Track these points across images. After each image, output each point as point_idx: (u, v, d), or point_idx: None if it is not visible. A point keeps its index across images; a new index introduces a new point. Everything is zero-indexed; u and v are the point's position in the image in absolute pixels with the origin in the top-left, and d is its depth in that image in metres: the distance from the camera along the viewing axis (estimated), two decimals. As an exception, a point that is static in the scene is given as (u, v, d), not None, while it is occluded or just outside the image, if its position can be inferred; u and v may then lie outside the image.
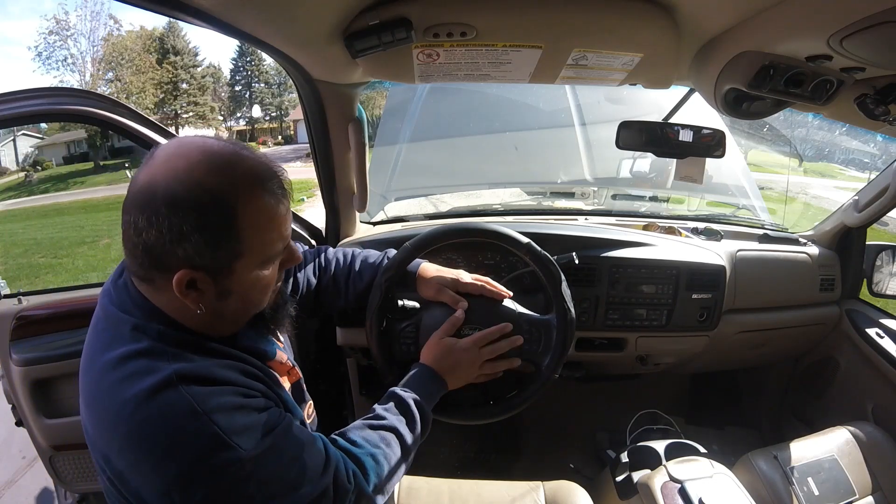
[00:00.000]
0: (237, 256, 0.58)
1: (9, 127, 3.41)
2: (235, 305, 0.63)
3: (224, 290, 0.60)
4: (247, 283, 0.61)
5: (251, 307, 0.65)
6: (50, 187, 15.07)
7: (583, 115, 2.17)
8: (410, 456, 0.78)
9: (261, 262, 0.61)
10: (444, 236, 1.02)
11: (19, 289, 1.36)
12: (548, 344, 1.01)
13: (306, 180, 12.67)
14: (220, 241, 0.56)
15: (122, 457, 0.56)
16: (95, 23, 22.02)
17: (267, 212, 0.59)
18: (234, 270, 0.59)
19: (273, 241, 0.61)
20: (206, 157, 0.57)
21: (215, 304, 0.61)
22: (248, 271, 0.60)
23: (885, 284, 1.56)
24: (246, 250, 0.58)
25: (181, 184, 0.54)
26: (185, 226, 0.54)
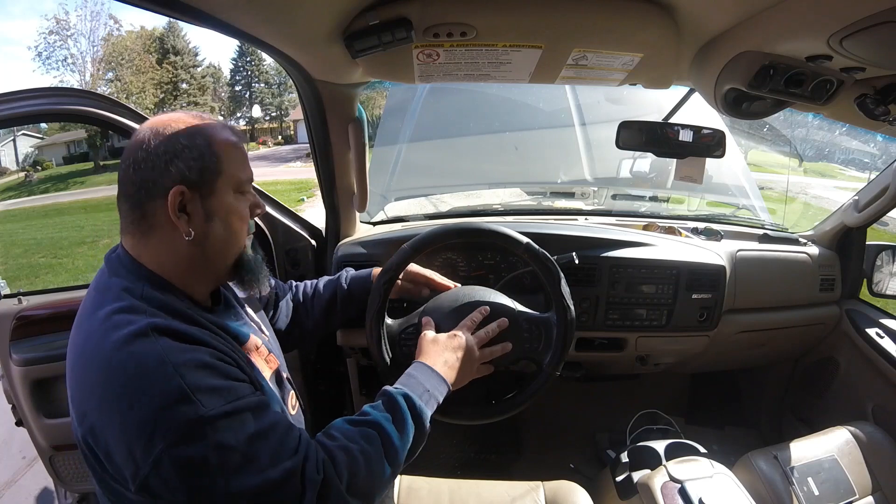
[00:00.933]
0: (218, 173, 0.68)
1: (9, 127, 3.41)
2: (219, 232, 0.69)
3: (209, 210, 0.68)
4: (226, 205, 0.70)
5: (232, 237, 0.72)
6: (50, 187, 15.06)
7: (583, 115, 2.16)
8: (398, 455, 0.73)
9: (235, 185, 0.71)
10: (442, 237, 1.02)
11: (19, 289, 1.36)
12: (548, 342, 1.01)
13: (306, 180, 12.72)
14: (204, 157, 0.67)
15: (96, 406, 0.59)
16: (95, 23, 22.05)
17: (234, 143, 0.71)
18: (216, 189, 0.68)
19: (242, 168, 0.72)
20: (179, 113, 0.71)
21: (203, 227, 0.68)
22: (226, 192, 0.70)
23: (885, 284, 1.56)
24: (224, 170, 0.69)
25: (165, 122, 0.68)
26: (175, 145, 0.65)
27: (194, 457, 0.56)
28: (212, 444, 0.57)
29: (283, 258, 1.38)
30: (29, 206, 11.74)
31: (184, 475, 0.56)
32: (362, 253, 1.28)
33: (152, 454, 0.55)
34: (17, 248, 7.63)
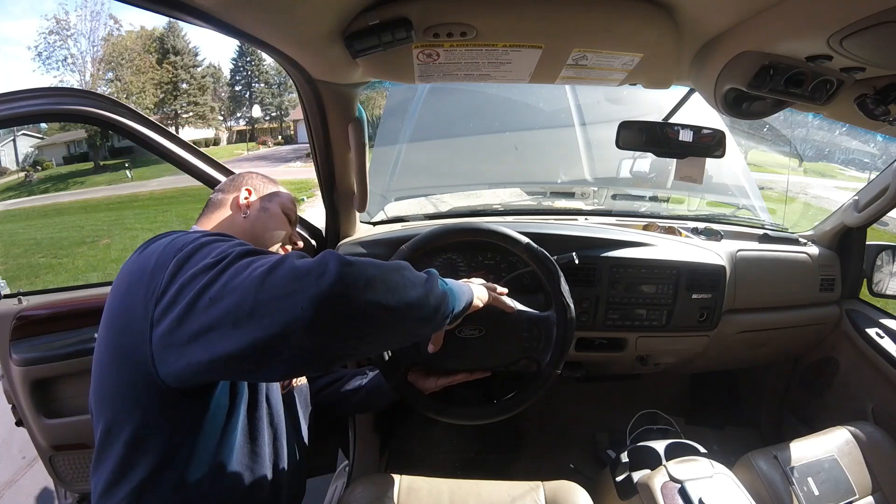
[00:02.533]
0: (276, 195, 0.98)
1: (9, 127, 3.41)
2: (265, 223, 0.93)
3: (264, 207, 0.95)
4: (276, 211, 0.96)
5: (271, 232, 0.93)
6: (50, 187, 15.08)
7: (583, 116, 2.16)
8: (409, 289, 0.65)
9: (285, 209, 0.97)
10: (442, 236, 1.02)
11: (19, 289, 1.36)
12: (548, 341, 1.01)
13: (306, 180, 12.72)
14: (269, 187, 1.00)
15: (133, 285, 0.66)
16: (95, 23, 22.08)
17: (290, 196, 1.02)
18: (272, 201, 0.96)
19: (292, 208, 1.00)
20: None
21: (256, 214, 0.93)
22: (279, 206, 0.97)
23: (886, 284, 1.56)
24: (279, 198, 0.98)
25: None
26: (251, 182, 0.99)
27: (203, 243, 0.64)
28: (223, 245, 0.64)
29: (283, 258, 1.38)
30: (29, 206, 11.75)
31: (189, 260, 0.62)
32: (362, 253, 1.28)
33: (168, 266, 0.62)
34: (17, 248, 7.63)
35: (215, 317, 0.56)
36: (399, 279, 0.63)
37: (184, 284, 0.60)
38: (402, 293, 0.62)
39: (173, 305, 0.60)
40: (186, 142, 1.27)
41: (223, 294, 0.56)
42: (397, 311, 0.61)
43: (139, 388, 0.65)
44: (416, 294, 0.65)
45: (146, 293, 0.63)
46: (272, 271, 0.56)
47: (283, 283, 0.54)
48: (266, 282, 0.55)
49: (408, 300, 0.63)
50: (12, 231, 8.91)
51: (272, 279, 0.55)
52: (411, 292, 0.64)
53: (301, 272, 0.55)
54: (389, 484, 1.08)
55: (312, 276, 0.54)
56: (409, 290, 0.64)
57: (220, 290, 0.57)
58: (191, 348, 0.58)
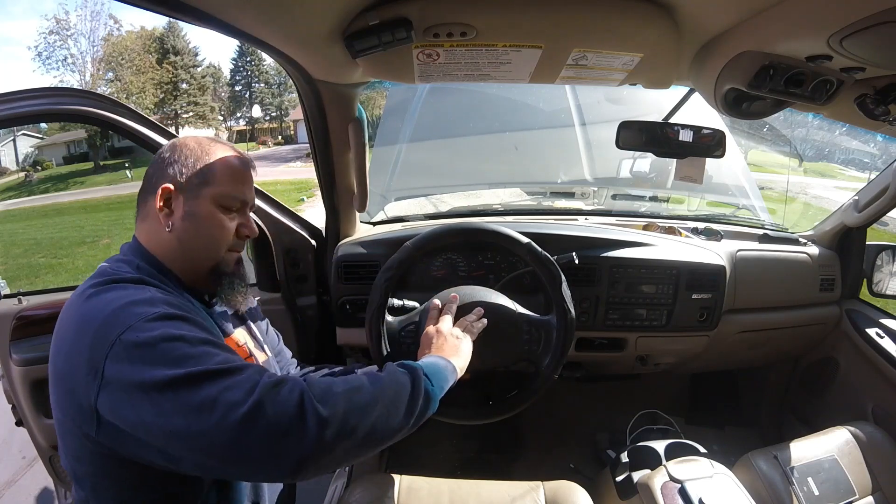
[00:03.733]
0: (206, 182, 0.75)
1: (9, 127, 3.41)
2: (195, 233, 0.75)
3: (189, 210, 0.74)
4: (206, 210, 0.75)
5: (206, 242, 0.76)
6: (50, 187, 15.06)
7: (583, 116, 2.16)
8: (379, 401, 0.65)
9: (221, 199, 0.76)
10: (443, 236, 1.02)
11: (19, 289, 1.36)
12: (548, 344, 1.01)
13: (306, 180, 12.71)
14: (198, 166, 0.75)
15: (69, 340, 0.61)
16: (95, 23, 22.05)
17: (235, 165, 0.78)
18: (200, 195, 0.75)
19: (234, 188, 0.77)
20: (209, 135, 0.85)
21: (179, 224, 0.74)
22: (210, 199, 0.75)
23: (886, 284, 1.55)
24: (212, 181, 0.75)
25: (188, 138, 0.80)
26: (181, 154, 0.76)
27: (144, 341, 0.57)
28: (164, 332, 0.58)
29: (282, 258, 1.38)
30: (29, 206, 11.73)
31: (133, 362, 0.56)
32: (362, 253, 1.28)
33: (108, 341, 0.56)
34: (17, 248, 7.63)
35: (180, 449, 0.56)
36: (381, 412, 0.64)
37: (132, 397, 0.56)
38: (385, 425, 0.65)
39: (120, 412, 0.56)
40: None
41: (188, 436, 0.54)
42: (381, 443, 0.66)
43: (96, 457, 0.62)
44: (397, 420, 0.67)
45: (86, 376, 0.58)
46: (246, 425, 0.54)
47: (262, 443, 0.54)
48: (243, 440, 0.54)
49: (391, 429, 0.66)
50: (12, 231, 8.90)
51: (249, 437, 0.54)
52: (393, 420, 0.66)
53: (280, 431, 0.55)
54: (389, 484, 1.08)
55: (293, 439, 0.55)
56: (392, 419, 0.66)
57: (183, 431, 0.54)
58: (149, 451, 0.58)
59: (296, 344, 1.45)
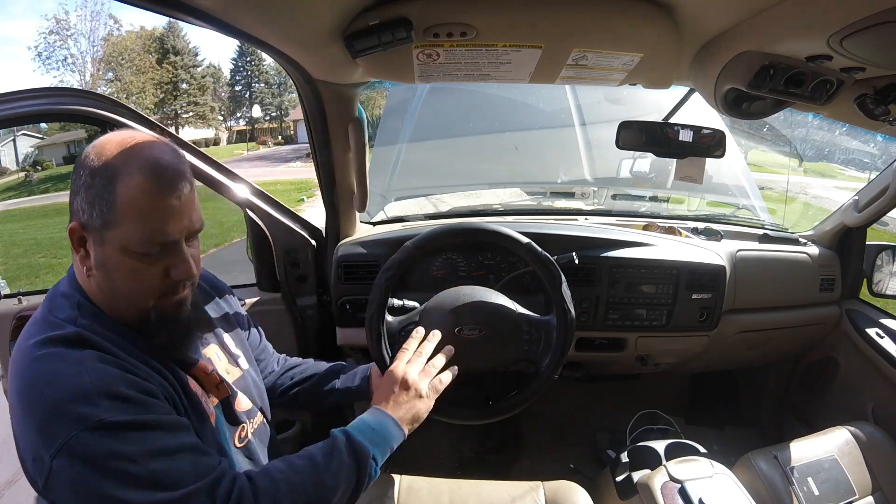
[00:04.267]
0: (107, 225, 0.60)
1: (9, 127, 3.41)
2: (109, 283, 0.64)
3: (99, 258, 0.63)
4: (115, 260, 0.62)
5: (125, 294, 0.64)
6: (50, 187, 15.04)
7: (583, 115, 2.16)
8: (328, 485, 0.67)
9: (128, 241, 0.61)
10: (444, 236, 1.02)
11: (19, 289, 1.36)
12: (548, 344, 1.01)
13: (306, 180, 12.71)
14: (96, 202, 0.60)
15: (16, 406, 0.59)
16: (95, 23, 22.09)
17: (143, 193, 0.60)
18: (105, 240, 0.61)
19: (144, 225, 0.60)
20: (124, 137, 0.63)
21: (95, 273, 0.64)
22: (116, 248, 0.61)
23: (886, 284, 1.55)
24: (114, 221, 0.60)
25: (96, 148, 0.62)
26: (80, 180, 0.61)
27: (90, 458, 0.54)
28: (109, 450, 0.55)
29: (282, 258, 1.38)
30: (29, 206, 11.73)
31: (78, 477, 0.54)
32: (362, 253, 1.28)
33: (51, 451, 0.54)
34: (17, 248, 7.62)
35: None
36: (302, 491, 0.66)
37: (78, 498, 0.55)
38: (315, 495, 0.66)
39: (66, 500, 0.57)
40: (186, 142, 1.27)
41: None
42: None
43: None
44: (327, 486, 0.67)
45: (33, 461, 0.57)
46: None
47: None
48: None
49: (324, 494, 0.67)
50: (12, 231, 8.89)
51: None
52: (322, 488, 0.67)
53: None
54: (389, 484, 1.08)
55: None
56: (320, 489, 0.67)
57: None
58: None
59: (296, 344, 1.45)
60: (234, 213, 1.36)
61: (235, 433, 0.76)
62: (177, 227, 0.63)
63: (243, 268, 1.50)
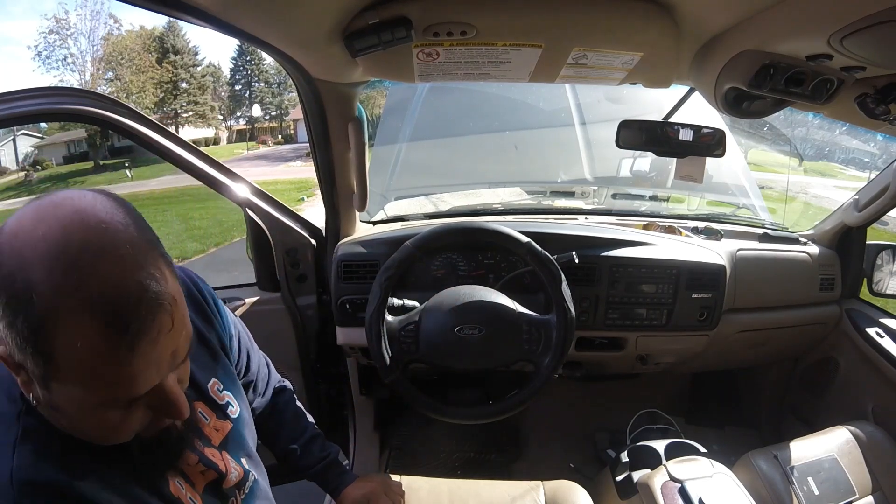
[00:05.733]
0: (49, 378, 0.43)
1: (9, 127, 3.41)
2: (70, 423, 0.48)
3: (47, 399, 0.45)
4: (69, 408, 0.46)
5: (92, 434, 0.49)
6: (50, 187, 15.04)
7: (583, 115, 2.16)
8: None
9: (84, 399, 0.44)
10: (444, 235, 1.02)
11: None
12: (548, 344, 1.01)
13: (306, 180, 12.71)
14: (26, 349, 0.41)
15: None
16: (95, 22, 22.04)
17: (94, 353, 0.41)
18: (51, 388, 0.44)
19: (103, 388, 0.44)
20: (58, 237, 0.41)
21: (45, 407, 0.47)
22: (69, 399, 0.45)
23: (886, 284, 1.55)
24: (61, 378, 0.43)
25: (12, 251, 0.41)
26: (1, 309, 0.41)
27: None
28: None
29: (283, 258, 1.38)
30: (29, 205, 11.73)
31: None
32: (362, 252, 1.28)
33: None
34: (16, 248, 7.62)
35: None
36: None
37: None
38: None
39: None
40: (186, 141, 1.27)
41: None
42: None
43: None
44: None
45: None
46: None
47: None
48: None
49: None
50: (12, 231, 8.89)
51: None
52: None
53: None
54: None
55: None
56: None
57: None
58: None
59: (296, 344, 1.45)
60: (234, 212, 1.36)
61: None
62: (153, 378, 0.46)
63: (243, 267, 1.50)
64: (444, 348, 1.01)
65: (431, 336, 1.02)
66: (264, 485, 0.77)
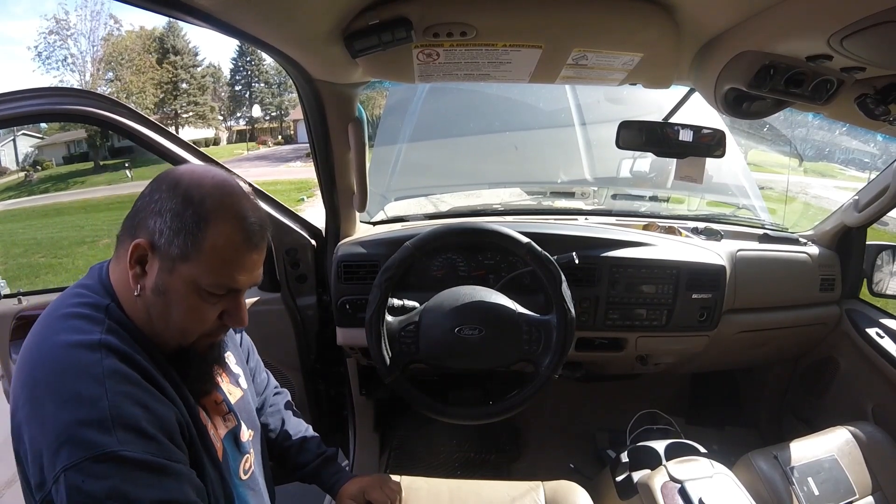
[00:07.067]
0: (185, 257, 0.61)
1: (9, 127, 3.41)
2: (163, 310, 0.63)
3: (161, 284, 0.62)
4: (180, 291, 0.63)
5: (176, 325, 0.65)
6: (50, 187, 15.05)
7: (583, 115, 2.16)
8: None
9: (201, 278, 0.62)
10: (444, 236, 1.02)
11: (19, 289, 1.36)
12: (548, 344, 1.01)
13: (306, 180, 12.71)
14: (182, 233, 0.61)
15: (26, 401, 0.57)
16: (95, 23, 22.05)
17: (231, 243, 0.63)
18: (176, 270, 0.62)
19: (221, 275, 0.63)
20: (221, 180, 0.65)
21: (149, 295, 0.63)
22: (186, 280, 0.62)
23: (886, 284, 1.55)
24: (194, 258, 0.61)
25: (193, 180, 0.63)
26: (169, 204, 0.61)
27: (91, 492, 0.52)
28: (111, 487, 0.52)
29: (283, 258, 1.38)
30: (29, 206, 11.73)
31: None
32: (362, 253, 1.28)
33: (55, 469, 0.53)
34: (17, 248, 7.62)
35: None
36: None
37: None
38: None
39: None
40: (186, 142, 1.27)
41: None
42: None
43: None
44: None
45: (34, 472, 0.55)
46: None
47: None
48: None
49: None
50: (12, 231, 8.89)
51: None
52: None
53: None
54: (389, 484, 1.08)
55: None
56: None
57: None
58: None
59: (296, 344, 1.45)
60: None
61: (241, 465, 0.75)
62: (246, 279, 0.66)
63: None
64: (444, 349, 1.01)
65: (431, 336, 1.02)
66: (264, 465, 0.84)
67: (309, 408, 1.53)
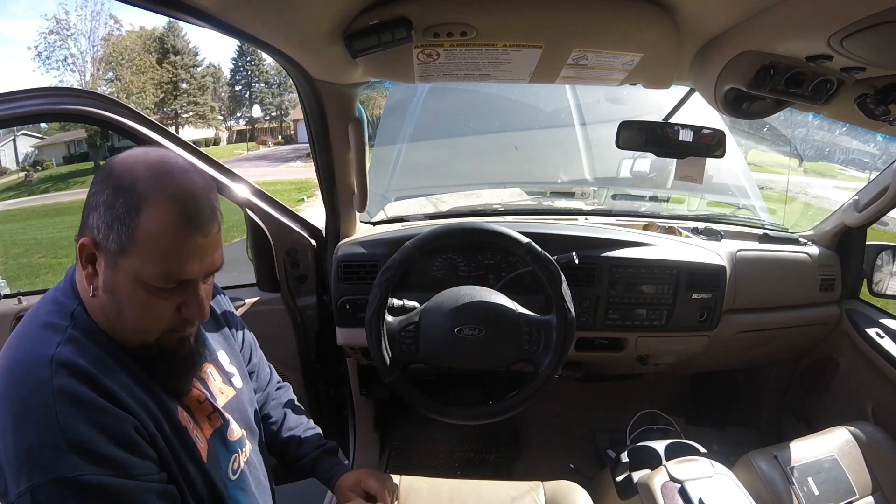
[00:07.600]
0: (123, 251, 0.57)
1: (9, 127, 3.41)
2: (116, 309, 0.60)
3: (108, 282, 0.59)
4: (126, 288, 0.59)
5: (130, 323, 0.61)
6: (50, 187, 15.05)
7: (583, 115, 2.16)
8: None
9: (143, 272, 0.58)
10: (444, 236, 1.02)
11: (19, 289, 1.36)
12: (548, 344, 1.01)
13: (306, 180, 12.72)
14: (115, 225, 0.56)
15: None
16: (95, 23, 22.07)
17: (168, 228, 0.57)
18: (119, 265, 0.58)
19: (163, 260, 0.57)
20: (156, 159, 0.60)
21: (101, 295, 0.60)
22: (129, 276, 0.58)
23: (886, 284, 1.55)
24: (131, 250, 0.57)
25: (125, 166, 0.59)
26: (102, 196, 0.58)
27: None
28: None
29: (283, 258, 1.38)
30: (29, 206, 11.74)
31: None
32: (362, 253, 1.28)
33: (19, 487, 0.52)
34: (17, 248, 7.61)
35: None
36: None
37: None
38: None
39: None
40: (186, 142, 1.27)
41: None
42: None
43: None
44: None
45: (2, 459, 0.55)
46: None
47: None
48: None
49: None
50: (12, 231, 8.89)
51: None
52: None
53: None
54: (389, 484, 1.08)
55: None
56: None
57: None
58: None
59: (296, 344, 1.45)
60: (235, 212, 1.36)
61: (230, 465, 0.73)
62: (197, 268, 0.60)
63: (243, 268, 1.50)
64: (444, 349, 1.01)
65: (431, 336, 1.02)
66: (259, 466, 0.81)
67: (309, 408, 1.52)
